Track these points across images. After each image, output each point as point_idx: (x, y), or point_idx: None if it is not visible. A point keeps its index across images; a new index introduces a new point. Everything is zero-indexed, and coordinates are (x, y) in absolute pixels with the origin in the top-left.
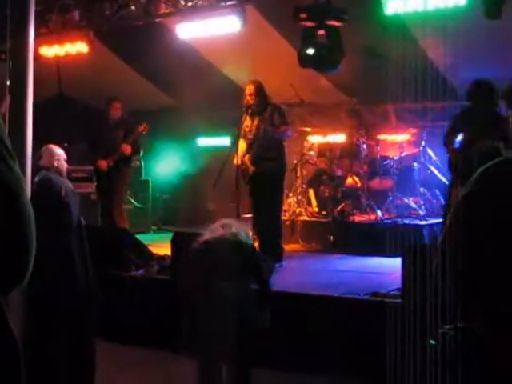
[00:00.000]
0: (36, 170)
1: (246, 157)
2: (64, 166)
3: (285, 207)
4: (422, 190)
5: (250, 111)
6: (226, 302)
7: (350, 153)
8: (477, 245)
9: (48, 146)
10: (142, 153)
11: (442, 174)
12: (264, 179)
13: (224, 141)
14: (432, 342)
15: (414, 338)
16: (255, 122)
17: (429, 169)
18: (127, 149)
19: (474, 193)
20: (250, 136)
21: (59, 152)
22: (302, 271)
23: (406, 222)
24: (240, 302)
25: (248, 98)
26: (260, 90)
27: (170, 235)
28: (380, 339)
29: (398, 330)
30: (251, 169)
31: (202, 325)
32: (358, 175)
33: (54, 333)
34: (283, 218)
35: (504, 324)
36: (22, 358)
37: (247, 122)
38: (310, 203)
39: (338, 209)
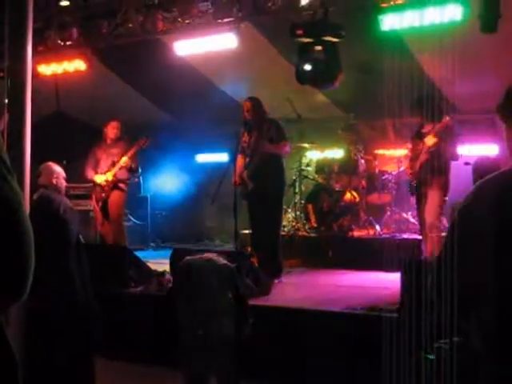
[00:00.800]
0: (35, 188)
1: (245, 172)
2: (63, 183)
3: (284, 223)
4: None
5: (248, 127)
6: (208, 316)
7: (348, 168)
8: (472, 257)
9: (47, 163)
10: (140, 170)
11: None
12: (263, 195)
13: (222, 157)
14: (428, 356)
15: (411, 351)
16: (253, 138)
17: None
18: (126, 162)
19: (470, 206)
20: (249, 152)
21: (58, 170)
22: (301, 286)
23: (405, 236)
24: (221, 315)
25: (246, 114)
26: (257, 106)
27: (168, 252)
28: (377, 353)
29: (395, 344)
30: (250, 185)
31: (188, 337)
32: (356, 190)
33: (53, 350)
34: (282, 233)
35: (499, 338)
36: (20, 374)
37: (245, 137)
38: (308, 218)
39: (337, 224)
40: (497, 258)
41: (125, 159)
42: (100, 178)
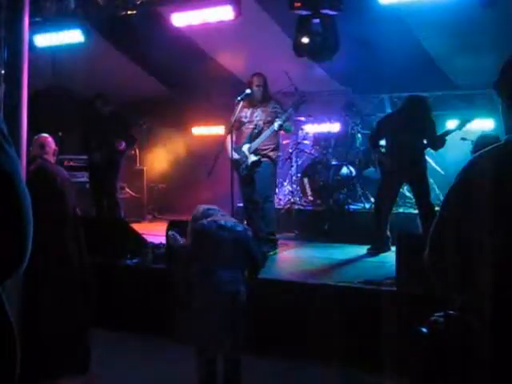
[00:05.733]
0: (30, 159)
1: (246, 147)
2: (56, 154)
3: (280, 196)
4: None
5: (252, 102)
6: (221, 289)
7: (344, 142)
8: (466, 235)
9: (41, 135)
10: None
11: (437, 164)
12: (263, 168)
13: (218, 129)
14: (423, 329)
15: (408, 325)
16: (256, 114)
17: None
18: (121, 144)
19: (465, 179)
20: (251, 126)
21: (51, 141)
22: (297, 260)
23: (401, 210)
24: (235, 289)
25: (256, 87)
26: (266, 83)
27: (164, 224)
28: (374, 326)
29: (391, 318)
30: (252, 158)
31: (198, 312)
32: (352, 164)
33: (48, 320)
34: (278, 206)
35: (494, 311)
36: (17, 341)
37: (245, 112)
38: (304, 192)
39: (333, 198)
40: (494, 228)
41: (119, 142)
42: (95, 156)
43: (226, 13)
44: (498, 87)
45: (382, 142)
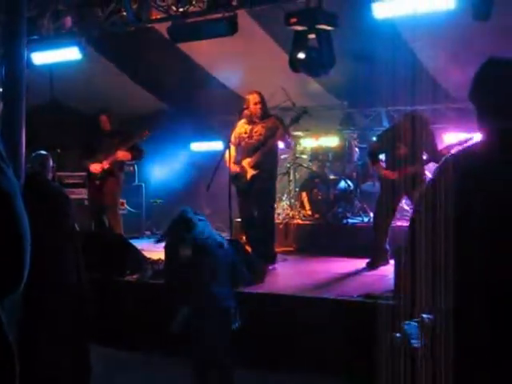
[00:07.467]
0: (29, 176)
1: (247, 161)
2: (53, 171)
3: (278, 210)
4: None
5: (251, 119)
6: (211, 302)
7: (342, 156)
8: (440, 228)
9: (39, 152)
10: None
11: None
12: (262, 183)
13: (217, 145)
14: (396, 335)
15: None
16: (257, 129)
17: None
18: (125, 155)
19: (436, 181)
20: (251, 141)
21: (50, 158)
22: (296, 274)
23: (399, 223)
24: (226, 305)
25: (253, 106)
26: (264, 100)
27: (163, 240)
28: (373, 340)
29: (391, 331)
30: (251, 173)
31: (191, 326)
32: (350, 178)
33: (47, 337)
34: (276, 221)
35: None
36: (16, 361)
37: (244, 128)
38: (303, 206)
39: (331, 212)
40: (461, 228)
41: (121, 152)
42: (95, 165)
43: (222, 29)
44: (471, 99)
45: (382, 156)
